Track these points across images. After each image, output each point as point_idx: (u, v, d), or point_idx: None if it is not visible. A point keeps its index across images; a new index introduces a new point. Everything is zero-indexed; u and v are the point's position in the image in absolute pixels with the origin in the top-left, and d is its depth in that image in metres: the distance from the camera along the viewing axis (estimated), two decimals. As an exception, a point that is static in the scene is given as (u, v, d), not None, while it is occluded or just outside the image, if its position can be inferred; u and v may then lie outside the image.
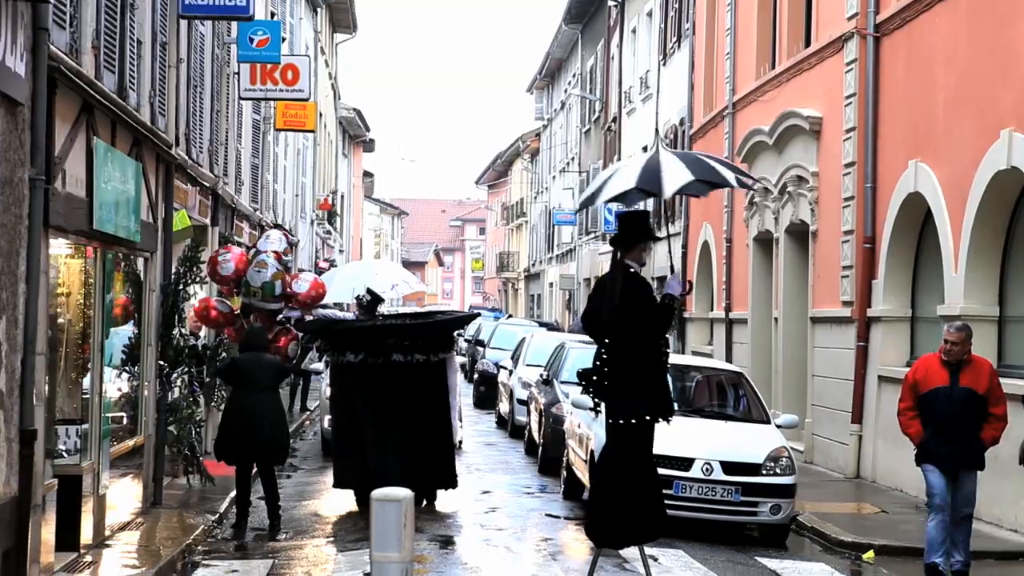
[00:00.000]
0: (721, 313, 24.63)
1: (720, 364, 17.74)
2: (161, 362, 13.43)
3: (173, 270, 13.88)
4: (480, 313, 37.17)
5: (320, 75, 35.09)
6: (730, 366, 17.03)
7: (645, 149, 28.42)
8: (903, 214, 16.20)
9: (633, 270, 9.72)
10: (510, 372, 23.20)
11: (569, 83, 49.41)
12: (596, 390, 9.66)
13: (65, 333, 10.78)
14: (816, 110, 18.97)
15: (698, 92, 27.27)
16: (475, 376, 30.48)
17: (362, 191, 65.21)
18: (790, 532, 13.21)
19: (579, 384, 10.21)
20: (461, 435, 19.03)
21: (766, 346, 21.45)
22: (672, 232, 28.86)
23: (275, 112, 24.67)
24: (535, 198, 61.41)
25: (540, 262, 59.61)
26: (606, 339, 9.66)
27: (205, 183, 16.66)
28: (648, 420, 9.55)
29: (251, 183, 22.66)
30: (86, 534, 10.62)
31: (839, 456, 17.70)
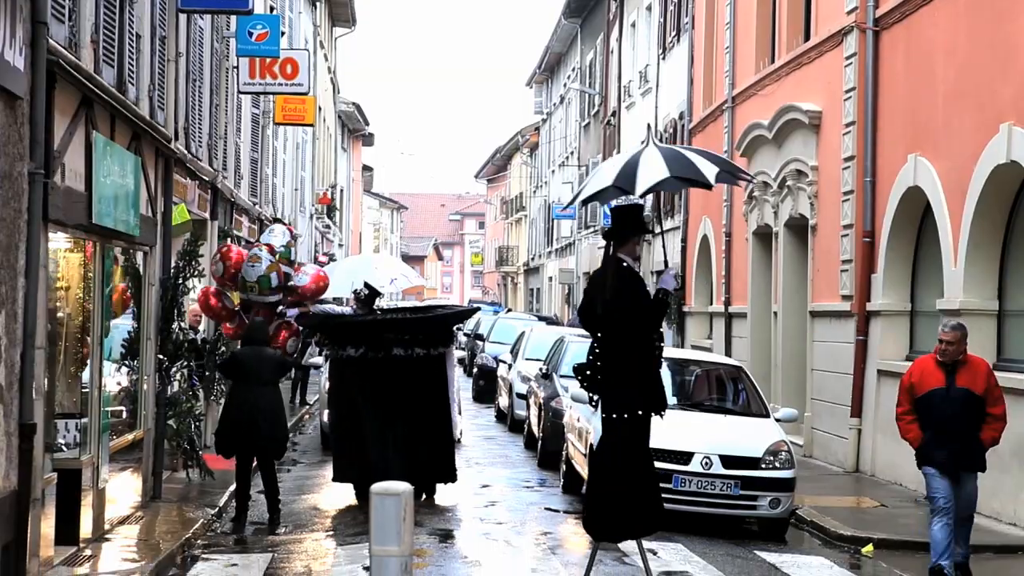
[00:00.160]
0: (720, 307, 24.62)
1: (719, 358, 17.75)
2: (160, 356, 13.44)
3: (172, 264, 13.88)
4: (479, 307, 37.20)
5: (319, 69, 35.05)
6: (729, 360, 17.03)
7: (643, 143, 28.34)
8: (902, 208, 16.19)
9: (626, 264, 9.57)
10: (509, 366, 23.20)
11: (568, 77, 49.38)
12: (591, 384, 9.59)
13: (64, 327, 10.77)
14: (815, 104, 18.95)
15: (697, 86, 27.25)
16: (474, 370, 30.48)
17: (361, 185, 65.20)
18: (789, 526, 13.21)
19: (577, 378, 10.18)
20: (461, 429, 19.03)
21: (765, 340, 21.45)
22: (671, 226, 28.86)
23: (274, 106, 24.64)
24: (534, 192, 61.40)
25: (539, 256, 59.59)
26: (599, 333, 9.59)
27: (204, 177, 16.65)
28: (642, 415, 9.47)
29: (250, 177, 22.63)
30: (85, 528, 10.62)
31: (838, 450, 17.70)
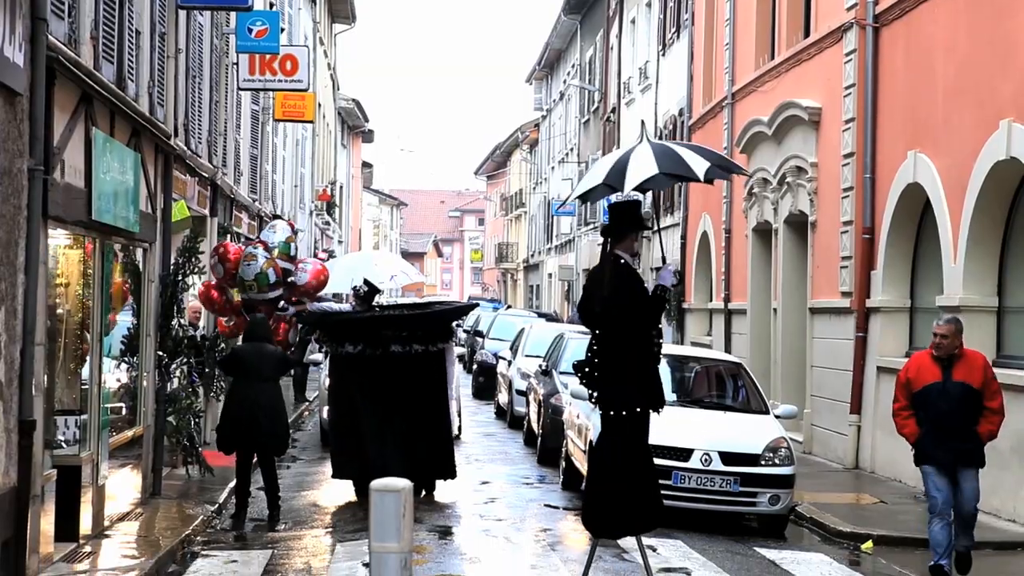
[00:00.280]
0: (720, 304, 24.62)
1: (719, 355, 17.74)
2: (160, 353, 13.44)
3: (172, 261, 13.88)
4: (479, 304, 37.16)
5: (319, 65, 35.05)
6: (729, 357, 17.01)
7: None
8: (902, 205, 16.18)
9: (623, 261, 9.54)
10: (509, 363, 23.20)
11: (568, 73, 49.35)
12: (589, 381, 9.57)
13: (64, 324, 10.77)
14: (815, 101, 18.94)
15: (697, 83, 27.24)
16: (474, 367, 30.49)
17: (361, 182, 65.17)
18: (789, 522, 13.22)
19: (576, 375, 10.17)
20: (460, 425, 19.02)
21: (765, 337, 21.45)
22: (671, 223, 28.85)
23: (274, 102, 24.63)
24: (534, 189, 61.37)
25: (539, 253, 59.58)
26: (598, 330, 9.57)
27: (204, 174, 16.65)
28: (640, 412, 9.44)
29: (250, 174, 22.63)
30: (85, 524, 10.63)
31: (838, 446, 17.70)
